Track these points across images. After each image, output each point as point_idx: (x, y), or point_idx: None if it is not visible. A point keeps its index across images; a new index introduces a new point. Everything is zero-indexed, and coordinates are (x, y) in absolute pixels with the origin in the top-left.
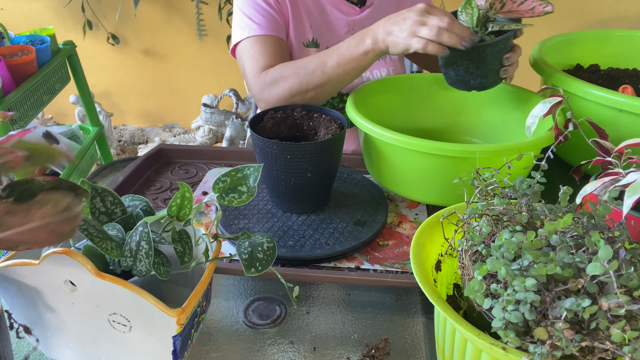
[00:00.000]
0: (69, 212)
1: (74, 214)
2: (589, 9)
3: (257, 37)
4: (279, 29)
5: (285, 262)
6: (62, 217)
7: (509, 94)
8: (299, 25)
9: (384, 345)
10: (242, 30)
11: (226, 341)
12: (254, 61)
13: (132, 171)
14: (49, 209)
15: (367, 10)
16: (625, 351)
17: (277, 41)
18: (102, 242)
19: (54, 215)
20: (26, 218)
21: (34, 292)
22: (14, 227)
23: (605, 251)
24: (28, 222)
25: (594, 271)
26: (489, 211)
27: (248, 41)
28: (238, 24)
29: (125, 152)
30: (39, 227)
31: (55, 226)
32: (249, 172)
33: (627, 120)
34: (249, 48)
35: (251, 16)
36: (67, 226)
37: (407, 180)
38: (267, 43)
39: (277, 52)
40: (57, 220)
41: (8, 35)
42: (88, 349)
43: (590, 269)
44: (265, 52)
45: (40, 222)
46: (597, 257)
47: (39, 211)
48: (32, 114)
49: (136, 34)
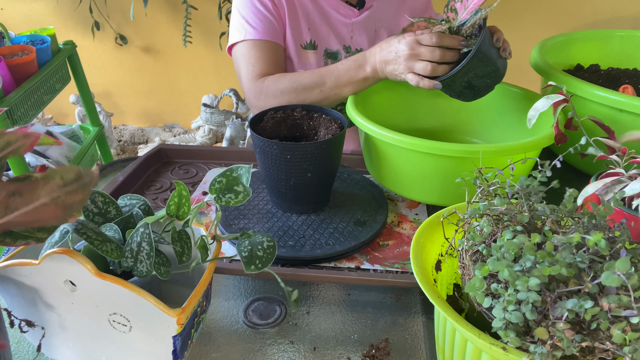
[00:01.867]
0: (80, 181)
1: (86, 182)
2: (589, 9)
3: (253, 41)
4: (276, 34)
5: (285, 262)
6: (72, 187)
7: (509, 94)
8: (296, 27)
9: (384, 345)
10: (239, 33)
11: (226, 341)
12: (250, 66)
13: (132, 171)
14: (56, 182)
15: (366, 12)
16: (626, 351)
17: (274, 47)
18: (101, 245)
19: (62, 187)
20: (33, 197)
21: (34, 292)
22: (20, 208)
23: (623, 263)
24: (35, 201)
25: (610, 282)
26: (489, 211)
27: (244, 45)
28: (235, 25)
29: (125, 152)
30: (46, 203)
31: (64, 198)
32: (241, 172)
33: (627, 120)
34: (245, 52)
35: (248, 19)
36: (77, 196)
37: (408, 180)
38: (264, 49)
39: (273, 59)
40: (66, 191)
41: (8, 35)
42: (88, 349)
43: (606, 280)
44: (261, 58)
45: (48, 198)
46: (613, 267)
47: (45, 186)
48: (32, 114)
49: (136, 33)
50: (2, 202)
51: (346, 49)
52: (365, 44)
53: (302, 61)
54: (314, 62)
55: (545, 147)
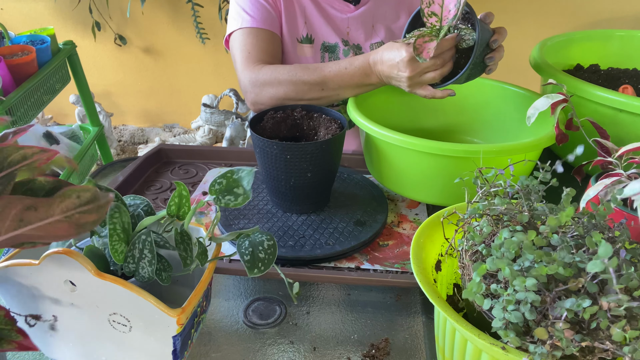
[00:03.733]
0: (96, 203)
1: (101, 204)
2: (589, 9)
3: (249, 29)
4: (273, 24)
5: (285, 262)
6: (87, 208)
7: (509, 94)
8: (292, 21)
9: (384, 345)
10: (235, 21)
11: (226, 341)
12: (245, 53)
13: (132, 171)
14: (72, 201)
15: (363, 7)
16: (625, 351)
17: (270, 35)
18: (118, 243)
19: (77, 208)
20: (47, 212)
21: (34, 292)
22: (33, 222)
23: (605, 249)
24: (49, 217)
25: (593, 268)
26: (489, 211)
27: (240, 32)
28: (232, 15)
29: (125, 152)
30: (60, 220)
31: (79, 217)
32: (243, 174)
33: (627, 120)
34: (241, 39)
35: (245, 8)
36: (91, 217)
37: (408, 180)
38: (259, 36)
39: (270, 48)
40: (81, 211)
41: (8, 35)
42: (88, 349)
43: (591, 267)
44: (256, 45)
45: (62, 216)
46: (598, 255)
47: (61, 204)
48: (32, 114)
49: (136, 34)
50: (17, 214)
51: (344, 42)
52: (362, 39)
53: (298, 55)
54: (310, 56)
55: (545, 147)
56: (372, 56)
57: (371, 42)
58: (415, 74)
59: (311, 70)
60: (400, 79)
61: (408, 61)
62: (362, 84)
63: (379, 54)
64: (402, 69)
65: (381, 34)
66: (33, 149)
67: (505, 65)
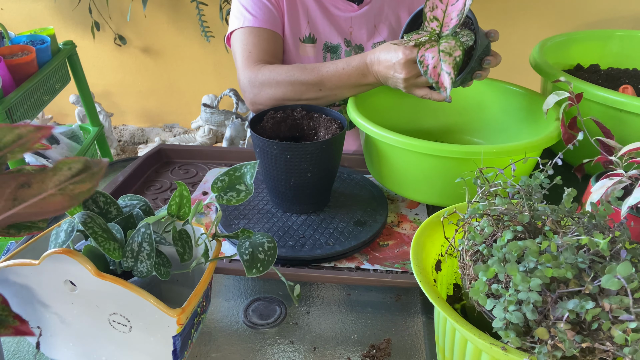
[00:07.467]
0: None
1: (94, 171)
2: (589, 9)
3: (251, 28)
4: (275, 23)
5: (285, 262)
6: (80, 178)
7: (509, 94)
8: (295, 21)
9: (385, 346)
10: (237, 20)
11: (226, 341)
12: (246, 52)
13: (132, 171)
14: (64, 173)
15: (365, 7)
16: (626, 352)
17: (272, 35)
18: (105, 242)
19: (70, 179)
20: (41, 188)
21: (34, 292)
22: (27, 200)
23: (625, 267)
24: (43, 192)
25: (610, 286)
26: (490, 211)
27: (242, 31)
28: (234, 13)
29: (125, 152)
30: (53, 194)
31: (72, 187)
32: (245, 169)
33: (627, 120)
34: (243, 38)
35: (248, 7)
36: (85, 185)
37: (408, 180)
38: (261, 36)
39: (271, 47)
40: (74, 182)
41: (8, 35)
42: (88, 349)
43: (606, 283)
44: (258, 45)
45: (56, 189)
46: (614, 270)
47: (54, 178)
48: (32, 114)
49: (136, 34)
50: (11, 193)
51: (347, 43)
52: (365, 39)
53: (300, 54)
54: (313, 56)
55: (546, 147)
56: (369, 56)
57: (374, 42)
58: (411, 76)
59: (308, 71)
60: (397, 80)
61: (404, 63)
62: (360, 83)
63: (376, 55)
64: (399, 71)
65: (384, 33)
66: (28, 127)
67: (505, 65)
